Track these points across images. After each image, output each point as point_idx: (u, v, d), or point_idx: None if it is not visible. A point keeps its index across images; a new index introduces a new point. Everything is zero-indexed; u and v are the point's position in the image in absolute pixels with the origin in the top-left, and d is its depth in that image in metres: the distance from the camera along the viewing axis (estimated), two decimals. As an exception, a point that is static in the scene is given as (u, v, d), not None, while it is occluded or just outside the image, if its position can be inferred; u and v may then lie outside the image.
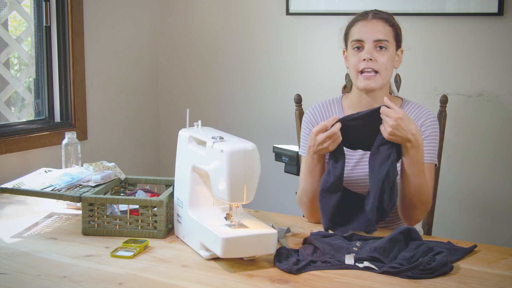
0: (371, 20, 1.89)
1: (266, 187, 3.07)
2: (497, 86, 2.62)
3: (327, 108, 2.03)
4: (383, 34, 1.87)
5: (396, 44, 1.92)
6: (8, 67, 2.60)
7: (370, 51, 1.86)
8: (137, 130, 3.21)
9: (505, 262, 1.56)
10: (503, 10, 2.54)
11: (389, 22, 1.90)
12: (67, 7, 2.69)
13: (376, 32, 1.87)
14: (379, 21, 1.89)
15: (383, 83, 1.89)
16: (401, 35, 1.95)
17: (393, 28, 1.90)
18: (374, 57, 1.86)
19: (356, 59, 1.89)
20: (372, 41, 1.86)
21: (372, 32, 1.87)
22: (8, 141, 2.42)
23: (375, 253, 1.53)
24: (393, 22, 1.92)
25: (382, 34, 1.87)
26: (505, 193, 2.65)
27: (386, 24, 1.89)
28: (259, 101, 3.12)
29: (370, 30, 1.87)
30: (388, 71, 1.89)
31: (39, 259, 1.57)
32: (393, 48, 1.90)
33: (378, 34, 1.87)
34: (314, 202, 1.82)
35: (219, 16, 3.16)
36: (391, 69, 1.91)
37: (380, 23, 1.88)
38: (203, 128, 1.72)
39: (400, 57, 1.95)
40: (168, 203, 1.76)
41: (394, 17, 1.95)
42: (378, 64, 1.86)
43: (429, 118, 1.92)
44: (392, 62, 1.90)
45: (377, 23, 1.88)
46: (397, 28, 1.93)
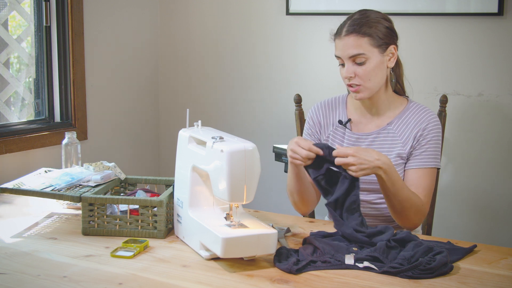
0: (343, 38, 1.88)
1: (266, 187, 3.07)
2: (497, 86, 2.62)
3: (331, 108, 2.06)
4: (356, 48, 1.86)
5: (379, 49, 1.88)
6: (8, 67, 2.60)
7: (349, 68, 1.88)
8: (137, 130, 3.21)
9: (505, 262, 1.56)
10: (503, 10, 2.54)
11: (362, 32, 1.86)
12: (67, 7, 2.69)
13: (348, 48, 1.87)
14: (350, 36, 1.87)
15: (373, 91, 1.91)
16: (385, 36, 1.89)
17: (369, 37, 1.86)
18: (355, 72, 1.88)
19: (341, 75, 1.93)
20: (347, 58, 1.88)
21: (345, 49, 1.88)
22: (8, 141, 2.42)
23: (375, 253, 1.53)
24: (369, 30, 1.87)
25: (355, 48, 1.86)
26: (505, 193, 2.65)
27: (358, 37, 1.86)
28: (259, 101, 3.12)
29: (344, 48, 1.88)
30: (374, 80, 1.89)
31: (39, 259, 1.57)
32: (375, 56, 1.88)
33: (351, 50, 1.87)
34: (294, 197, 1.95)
35: (219, 16, 3.16)
36: (377, 75, 1.90)
37: (352, 37, 1.86)
38: (203, 128, 1.72)
39: (395, 54, 1.92)
40: (168, 203, 1.76)
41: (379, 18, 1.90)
42: (360, 78, 1.88)
43: (432, 122, 1.92)
44: (377, 69, 1.89)
45: (349, 39, 1.87)
46: (377, 33, 1.88)
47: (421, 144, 1.90)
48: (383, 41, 1.89)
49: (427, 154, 1.89)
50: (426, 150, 1.90)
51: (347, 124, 2.00)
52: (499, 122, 2.63)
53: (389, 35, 1.91)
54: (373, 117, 1.98)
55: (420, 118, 1.93)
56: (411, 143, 1.91)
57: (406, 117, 1.95)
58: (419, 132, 1.91)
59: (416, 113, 1.94)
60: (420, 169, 1.89)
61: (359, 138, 1.97)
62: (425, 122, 1.92)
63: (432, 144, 1.90)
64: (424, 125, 1.91)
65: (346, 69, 1.89)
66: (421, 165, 1.89)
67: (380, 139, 1.95)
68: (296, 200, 1.96)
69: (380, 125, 1.96)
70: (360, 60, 1.87)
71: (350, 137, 1.99)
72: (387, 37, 1.90)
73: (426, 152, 1.89)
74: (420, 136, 1.90)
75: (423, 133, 1.90)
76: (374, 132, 1.96)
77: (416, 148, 1.91)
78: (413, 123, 1.93)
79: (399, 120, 1.95)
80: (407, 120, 1.94)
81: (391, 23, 1.94)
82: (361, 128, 1.99)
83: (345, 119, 2.01)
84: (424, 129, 1.90)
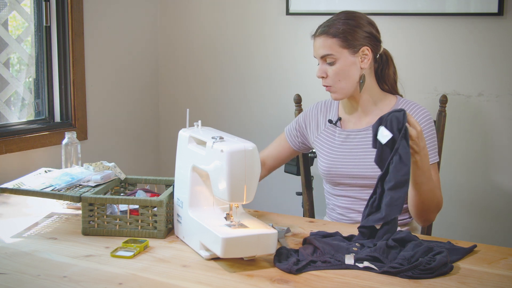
0: (316, 38, 1.96)
1: (266, 187, 3.07)
2: (497, 86, 2.62)
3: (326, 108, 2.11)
4: (324, 48, 1.93)
5: (349, 50, 1.91)
6: (8, 67, 2.60)
7: (320, 68, 1.96)
8: (137, 130, 3.21)
9: (505, 262, 1.56)
10: (503, 10, 2.54)
11: (331, 34, 1.92)
12: (67, 7, 2.69)
13: (318, 49, 1.95)
14: (320, 37, 1.94)
15: (346, 92, 1.96)
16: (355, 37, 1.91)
17: (336, 38, 1.91)
18: (326, 72, 1.94)
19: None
20: (319, 58, 1.95)
21: (316, 50, 1.96)
22: (8, 141, 2.42)
23: (375, 253, 1.53)
24: (337, 31, 1.91)
25: (323, 49, 1.93)
26: (505, 193, 2.65)
27: (326, 38, 1.92)
28: (259, 101, 3.12)
29: (315, 49, 1.97)
30: (343, 81, 1.93)
31: (39, 259, 1.57)
32: (344, 56, 1.92)
33: (320, 50, 1.94)
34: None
35: (219, 16, 3.16)
36: (348, 76, 1.93)
37: (321, 38, 1.94)
38: (203, 128, 1.72)
39: (368, 55, 1.93)
40: (168, 203, 1.76)
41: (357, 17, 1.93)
42: (330, 79, 1.94)
43: (425, 118, 1.94)
44: (348, 69, 1.93)
45: (319, 40, 1.95)
46: (345, 34, 1.90)
47: None
48: (354, 42, 1.91)
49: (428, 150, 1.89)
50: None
51: (337, 122, 2.04)
52: (499, 122, 2.63)
53: (363, 37, 1.93)
54: (361, 115, 2.02)
55: (412, 113, 1.95)
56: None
57: None
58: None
59: (407, 109, 1.96)
60: None
61: (349, 134, 2.01)
62: (417, 117, 1.94)
63: (429, 139, 1.92)
64: (417, 120, 1.92)
65: (318, 69, 1.96)
66: None
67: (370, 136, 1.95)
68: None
69: (370, 122, 1.99)
70: (329, 60, 1.93)
71: (341, 134, 2.02)
72: (359, 38, 1.92)
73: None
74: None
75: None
76: (364, 128, 2.00)
77: None
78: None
79: None
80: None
81: (371, 26, 1.96)
82: (352, 125, 2.03)
83: (335, 118, 2.05)
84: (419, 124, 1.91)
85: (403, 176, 1.63)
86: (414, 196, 1.81)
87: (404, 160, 1.63)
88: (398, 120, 1.66)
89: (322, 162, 2.04)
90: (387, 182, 1.64)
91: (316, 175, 2.68)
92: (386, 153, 1.67)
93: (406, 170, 1.63)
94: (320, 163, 2.05)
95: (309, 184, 2.45)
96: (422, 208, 1.83)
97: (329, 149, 2.03)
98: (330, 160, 2.01)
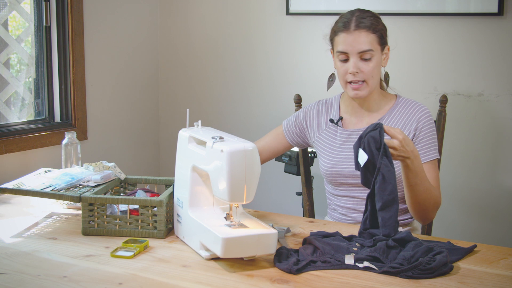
0: (353, 32, 1.88)
1: (266, 187, 3.07)
2: (497, 86, 2.62)
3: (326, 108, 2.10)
4: (367, 44, 1.88)
5: (381, 48, 1.92)
6: (8, 67, 2.60)
7: (355, 63, 1.88)
8: (137, 130, 3.21)
9: (505, 262, 1.56)
10: (503, 10, 2.54)
11: (372, 29, 1.89)
12: (67, 7, 2.69)
13: (359, 44, 1.87)
14: (362, 31, 1.88)
15: (371, 90, 1.93)
16: (385, 35, 1.94)
17: (377, 33, 1.90)
18: (360, 69, 1.88)
19: (342, 71, 1.92)
20: (356, 53, 1.88)
21: (356, 44, 1.87)
22: (8, 141, 2.42)
23: (375, 253, 1.53)
24: (376, 26, 1.90)
25: (365, 44, 1.87)
26: (505, 193, 2.65)
27: (369, 33, 1.88)
28: (259, 101, 3.12)
29: (353, 43, 1.87)
30: (375, 77, 1.92)
31: (39, 259, 1.57)
32: (378, 53, 1.91)
33: (362, 45, 1.87)
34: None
35: (219, 16, 3.16)
36: (378, 73, 1.93)
37: (363, 33, 1.88)
38: (203, 128, 1.72)
39: (387, 54, 1.96)
40: (168, 203, 1.76)
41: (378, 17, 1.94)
42: (365, 74, 1.89)
43: (424, 115, 1.95)
44: (379, 67, 1.92)
45: (360, 34, 1.87)
46: (381, 31, 1.92)
47: (419, 138, 1.93)
48: (384, 40, 1.93)
49: (428, 147, 1.92)
50: (426, 143, 1.92)
51: (339, 122, 2.03)
52: (499, 122, 2.63)
53: (386, 36, 1.96)
54: (363, 115, 2.01)
55: (412, 111, 1.96)
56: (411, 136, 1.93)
57: (397, 112, 1.98)
58: (414, 124, 1.93)
59: (407, 107, 1.97)
60: (425, 164, 1.90)
61: (351, 134, 2.01)
62: (417, 114, 1.94)
63: (429, 136, 1.93)
64: (417, 117, 1.94)
65: (353, 64, 1.88)
66: (425, 159, 1.91)
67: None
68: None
69: (370, 122, 1.99)
70: (367, 56, 1.88)
71: (342, 134, 2.02)
72: (386, 37, 1.95)
73: (426, 145, 1.92)
74: (416, 129, 1.93)
75: (417, 126, 1.93)
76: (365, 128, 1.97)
77: (415, 143, 1.92)
78: (405, 117, 1.96)
79: (390, 115, 1.98)
80: (398, 115, 1.98)
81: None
82: (353, 125, 2.03)
83: (337, 118, 2.05)
84: (419, 122, 1.93)
85: (389, 195, 1.63)
86: (410, 197, 1.82)
87: (387, 179, 1.63)
88: (375, 139, 1.66)
89: (323, 163, 2.04)
90: (376, 203, 1.65)
91: (316, 175, 2.68)
92: (368, 174, 1.69)
93: (391, 189, 1.63)
94: (322, 164, 2.05)
95: (309, 184, 2.45)
96: (420, 208, 1.83)
97: (330, 149, 2.03)
98: (331, 160, 2.01)
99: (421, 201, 1.81)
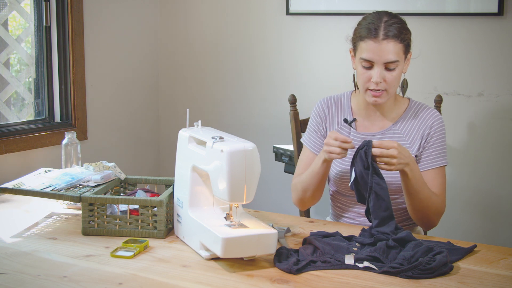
0: (382, 41, 1.80)
1: (266, 187, 3.07)
2: (497, 86, 2.62)
3: (336, 105, 2.03)
4: (394, 54, 1.81)
5: (405, 56, 1.87)
6: (8, 67, 2.60)
7: (380, 73, 1.82)
8: (137, 130, 3.21)
9: (505, 262, 1.56)
10: (503, 10, 2.54)
11: (400, 38, 1.82)
12: (67, 7, 2.69)
13: (388, 54, 1.80)
14: (390, 41, 1.80)
15: (390, 97, 1.90)
16: (411, 41, 1.88)
17: (404, 43, 1.83)
18: (384, 78, 1.83)
19: (364, 78, 1.85)
20: (382, 63, 1.82)
21: (383, 54, 1.80)
22: (8, 141, 2.42)
23: (375, 253, 1.53)
24: (404, 35, 1.84)
25: (393, 55, 1.81)
26: (505, 193, 2.65)
27: (397, 42, 1.81)
28: (259, 101, 3.12)
29: (381, 53, 1.80)
30: (396, 86, 1.87)
31: (39, 259, 1.57)
32: (402, 62, 1.85)
33: (389, 56, 1.81)
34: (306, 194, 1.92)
35: (219, 16, 3.16)
36: (399, 81, 1.88)
37: (391, 43, 1.80)
38: (203, 128, 1.72)
39: (409, 60, 1.91)
40: (168, 203, 1.76)
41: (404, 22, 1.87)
42: (387, 84, 1.84)
43: (437, 121, 1.92)
44: (400, 74, 1.87)
45: (388, 44, 1.80)
46: (408, 40, 1.86)
47: (430, 144, 1.90)
48: (409, 48, 1.88)
49: (437, 153, 1.90)
50: (435, 149, 1.90)
51: (352, 123, 1.98)
52: (499, 122, 2.63)
53: (411, 42, 1.90)
54: (377, 119, 1.97)
55: (425, 117, 1.93)
56: (419, 142, 1.92)
57: (411, 117, 1.95)
58: (426, 130, 1.91)
59: (420, 112, 1.95)
60: (433, 170, 1.89)
61: (364, 137, 1.95)
62: (430, 120, 1.92)
63: (440, 142, 1.91)
64: (430, 123, 1.91)
65: (377, 74, 1.81)
66: (434, 165, 1.89)
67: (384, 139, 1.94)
68: (308, 196, 1.93)
69: (384, 126, 1.96)
70: (393, 66, 1.82)
71: (355, 137, 1.97)
72: (410, 44, 1.89)
73: (436, 152, 1.90)
74: (428, 135, 1.91)
75: (430, 132, 1.91)
76: (379, 132, 1.96)
77: (425, 148, 1.91)
78: (418, 122, 1.93)
79: (404, 120, 1.95)
80: (412, 120, 1.94)
81: None
82: (366, 129, 1.98)
83: (350, 119, 1.99)
84: (431, 127, 1.91)
85: (385, 211, 1.66)
86: (411, 205, 1.82)
87: (381, 196, 1.67)
88: (362, 159, 1.69)
89: (335, 165, 1.97)
90: (373, 220, 1.69)
91: (316, 175, 2.67)
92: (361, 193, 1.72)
93: (385, 205, 1.67)
94: (333, 167, 1.97)
95: (309, 184, 2.44)
96: (421, 215, 1.83)
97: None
98: (343, 164, 1.95)
99: (421, 209, 1.80)
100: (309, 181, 1.89)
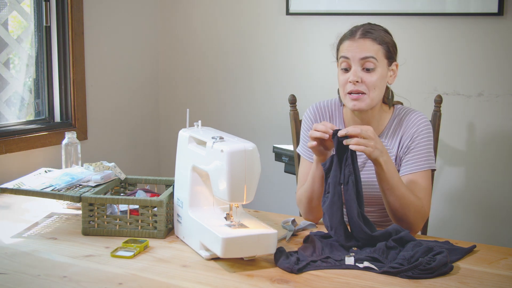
0: (358, 40, 1.83)
1: (266, 187, 3.07)
2: (497, 86, 2.62)
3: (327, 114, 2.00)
4: (370, 51, 1.81)
5: (388, 61, 1.85)
6: (8, 67, 2.60)
7: (356, 72, 1.81)
8: (137, 130, 3.21)
9: (505, 262, 1.56)
10: (503, 10, 2.54)
11: (378, 40, 1.83)
12: (67, 7, 2.69)
13: (362, 50, 1.81)
14: (366, 40, 1.82)
15: (372, 103, 1.84)
16: (394, 51, 1.88)
17: (382, 46, 1.83)
18: (362, 79, 1.81)
19: (343, 80, 1.84)
20: (358, 59, 1.81)
21: (358, 50, 1.81)
22: (8, 141, 2.42)
23: (375, 254, 1.53)
24: (384, 39, 1.85)
25: (368, 51, 1.81)
26: (505, 193, 2.65)
27: (374, 43, 1.82)
28: (259, 101, 3.12)
29: (356, 49, 1.82)
30: (377, 90, 1.83)
31: (39, 259, 1.57)
32: (383, 66, 1.84)
33: (364, 51, 1.81)
34: (312, 203, 1.84)
35: (219, 16, 3.16)
36: (382, 87, 1.85)
37: (368, 41, 1.82)
38: (203, 128, 1.72)
39: (395, 72, 1.89)
40: (168, 203, 1.76)
41: (388, 33, 1.88)
42: (366, 85, 1.81)
43: (421, 124, 1.88)
44: (383, 80, 1.84)
45: (365, 42, 1.82)
46: (388, 45, 1.86)
47: (411, 149, 1.86)
48: (391, 54, 1.87)
49: (419, 157, 1.84)
50: (417, 153, 1.85)
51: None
52: (499, 122, 2.63)
53: (395, 52, 1.89)
54: None
55: (409, 121, 1.89)
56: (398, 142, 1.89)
57: (395, 127, 1.91)
58: (408, 138, 1.87)
59: (405, 118, 1.91)
60: (414, 174, 1.84)
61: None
62: (413, 127, 1.88)
63: (423, 147, 1.86)
64: (413, 131, 1.87)
65: (353, 72, 1.81)
66: (415, 169, 1.84)
67: None
68: (315, 205, 1.85)
69: None
70: (369, 66, 1.81)
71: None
72: (394, 52, 1.88)
73: (417, 156, 1.85)
74: (410, 141, 1.86)
75: (412, 137, 1.86)
76: None
77: (406, 153, 1.86)
78: (403, 129, 1.89)
79: (389, 131, 1.92)
80: (396, 129, 1.91)
81: None
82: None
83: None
84: (414, 134, 1.86)
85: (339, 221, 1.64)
86: (387, 203, 1.76)
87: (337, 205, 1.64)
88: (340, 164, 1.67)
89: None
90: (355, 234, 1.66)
91: (316, 175, 2.67)
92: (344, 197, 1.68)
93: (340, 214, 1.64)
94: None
95: (309, 184, 2.44)
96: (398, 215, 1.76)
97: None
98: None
99: (398, 208, 1.74)
100: (311, 188, 1.84)
